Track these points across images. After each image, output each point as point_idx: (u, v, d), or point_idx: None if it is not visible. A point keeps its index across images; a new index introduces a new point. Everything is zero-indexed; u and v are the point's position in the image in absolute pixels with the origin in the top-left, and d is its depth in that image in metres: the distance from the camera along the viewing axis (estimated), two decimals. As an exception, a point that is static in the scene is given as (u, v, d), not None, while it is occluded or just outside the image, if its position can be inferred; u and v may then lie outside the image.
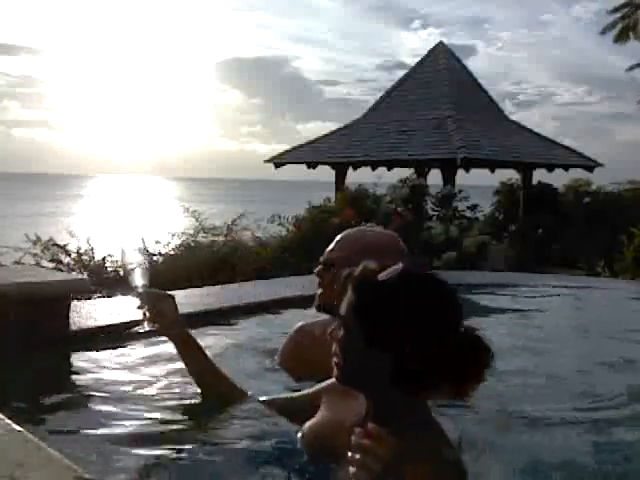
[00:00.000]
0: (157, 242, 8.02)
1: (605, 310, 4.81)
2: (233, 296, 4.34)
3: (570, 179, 14.91)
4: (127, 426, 2.13)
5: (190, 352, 2.15)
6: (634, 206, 12.92)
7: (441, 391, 1.41)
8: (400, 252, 2.32)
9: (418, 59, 16.57)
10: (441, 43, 16.57)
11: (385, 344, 1.37)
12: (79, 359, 2.88)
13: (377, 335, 1.38)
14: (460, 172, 14.21)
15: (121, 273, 7.32)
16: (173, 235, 8.39)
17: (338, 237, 2.42)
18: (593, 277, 8.02)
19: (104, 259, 7.43)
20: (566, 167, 15.39)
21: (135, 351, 3.04)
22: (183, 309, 3.77)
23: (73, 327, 3.18)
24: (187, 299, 4.10)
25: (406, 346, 1.34)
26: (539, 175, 15.20)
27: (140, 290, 2.04)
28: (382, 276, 1.41)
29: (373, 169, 15.58)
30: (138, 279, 2.04)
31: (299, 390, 2.00)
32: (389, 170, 15.42)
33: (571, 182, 14.71)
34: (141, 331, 2.56)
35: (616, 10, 12.03)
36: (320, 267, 2.40)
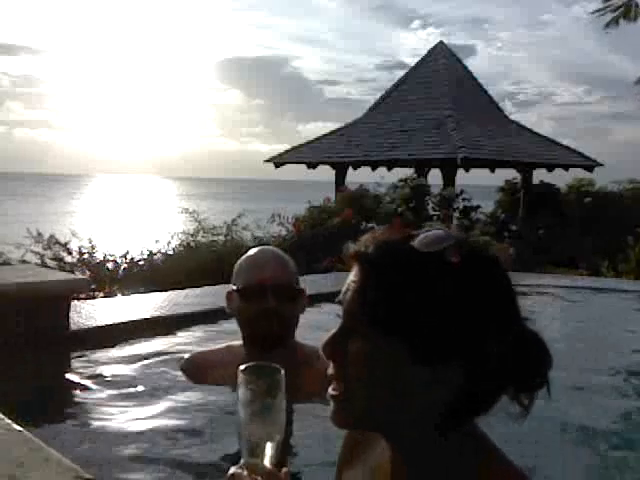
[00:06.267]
0: (157, 241, 8.03)
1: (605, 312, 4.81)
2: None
3: (573, 179, 14.92)
4: (127, 425, 2.13)
5: None
6: (634, 206, 12.91)
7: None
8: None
9: (418, 59, 16.58)
10: (441, 43, 16.56)
11: (441, 349, 0.88)
12: (79, 359, 2.88)
13: (425, 338, 0.87)
14: (460, 172, 14.22)
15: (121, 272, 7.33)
16: (173, 235, 8.39)
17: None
18: (597, 278, 8.00)
19: (105, 258, 7.43)
20: (566, 167, 15.39)
21: (135, 351, 3.04)
22: (182, 309, 3.80)
23: (73, 327, 3.18)
24: (187, 299, 4.11)
25: (468, 351, 0.88)
26: (540, 175, 15.21)
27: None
28: (421, 244, 0.91)
29: (373, 169, 15.58)
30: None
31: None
32: (389, 170, 15.41)
33: (574, 182, 14.71)
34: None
35: None
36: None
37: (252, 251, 2.27)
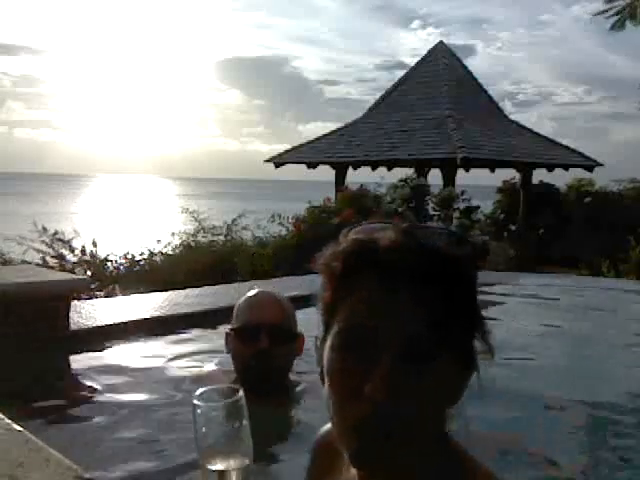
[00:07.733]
0: (158, 241, 8.04)
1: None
2: (232, 296, 4.34)
3: (573, 179, 14.90)
4: (126, 425, 2.13)
5: None
6: (634, 206, 12.91)
7: None
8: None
9: (418, 59, 16.58)
10: (441, 43, 16.56)
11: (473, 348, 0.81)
12: (79, 359, 2.88)
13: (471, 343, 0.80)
14: (460, 172, 14.21)
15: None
16: (173, 235, 8.39)
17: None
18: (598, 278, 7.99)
19: (106, 258, 7.42)
20: (566, 167, 15.38)
21: (134, 351, 3.04)
22: (182, 309, 3.80)
23: (73, 327, 3.18)
24: (186, 299, 4.11)
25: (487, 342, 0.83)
26: (540, 175, 15.20)
27: None
28: (456, 245, 0.82)
29: (373, 169, 15.58)
30: None
31: None
32: (389, 170, 15.41)
33: (574, 182, 14.70)
34: None
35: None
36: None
37: (251, 292, 2.26)
